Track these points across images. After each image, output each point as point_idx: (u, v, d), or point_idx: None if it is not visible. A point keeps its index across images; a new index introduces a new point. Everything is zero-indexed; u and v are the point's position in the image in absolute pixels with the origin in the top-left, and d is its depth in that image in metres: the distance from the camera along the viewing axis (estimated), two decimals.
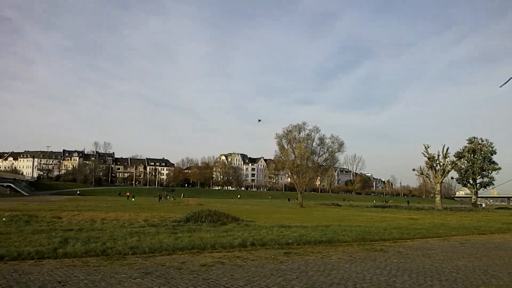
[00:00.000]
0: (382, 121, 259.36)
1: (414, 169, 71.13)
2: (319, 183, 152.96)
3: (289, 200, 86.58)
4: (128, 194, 78.02)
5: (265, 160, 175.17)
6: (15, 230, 12.92)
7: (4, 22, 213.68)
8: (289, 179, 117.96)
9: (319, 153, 61.33)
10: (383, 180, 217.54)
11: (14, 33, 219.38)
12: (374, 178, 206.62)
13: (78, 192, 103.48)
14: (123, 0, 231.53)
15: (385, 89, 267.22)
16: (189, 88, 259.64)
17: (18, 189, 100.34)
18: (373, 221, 24.35)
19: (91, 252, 9.03)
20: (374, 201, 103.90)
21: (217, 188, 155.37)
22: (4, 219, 16.88)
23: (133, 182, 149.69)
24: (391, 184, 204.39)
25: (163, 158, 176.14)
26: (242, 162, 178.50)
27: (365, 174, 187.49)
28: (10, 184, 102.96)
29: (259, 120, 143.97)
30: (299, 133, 60.27)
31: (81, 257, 8.63)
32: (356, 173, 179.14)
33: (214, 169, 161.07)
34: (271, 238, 12.41)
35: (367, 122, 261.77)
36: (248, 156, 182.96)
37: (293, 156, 60.34)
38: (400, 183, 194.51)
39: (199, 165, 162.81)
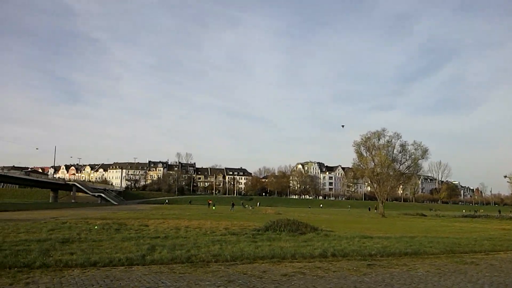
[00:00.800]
0: (470, 125, 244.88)
1: (505, 176, 66.31)
2: (401, 192, 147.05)
3: (369, 209, 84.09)
4: (210, 202, 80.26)
5: (343, 168, 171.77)
6: (106, 237, 13.72)
7: (93, 43, 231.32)
8: (369, 188, 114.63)
9: (400, 161, 58.90)
10: (471, 188, 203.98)
11: (102, 53, 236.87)
12: (461, 186, 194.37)
13: (167, 201, 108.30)
14: (200, 16, 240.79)
15: (472, 91, 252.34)
16: (265, 98, 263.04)
17: (108, 198, 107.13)
18: (462, 232, 22.88)
19: (176, 259, 9.35)
20: (464, 211, 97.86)
21: (294, 197, 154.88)
22: (96, 227, 18.05)
23: (213, 191, 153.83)
24: (481, 192, 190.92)
25: (241, 167, 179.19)
26: (319, 171, 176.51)
27: (451, 182, 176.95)
28: (101, 194, 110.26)
29: (343, 126, 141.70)
30: (379, 140, 58.42)
31: (168, 264, 8.95)
32: (442, 181, 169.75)
33: (291, 178, 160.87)
34: (352, 249, 12.07)
35: (452, 127, 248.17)
36: (325, 165, 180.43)
37: (373, 164, 58.55)
38: (491, 191, 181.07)
39: (276, 174, 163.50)
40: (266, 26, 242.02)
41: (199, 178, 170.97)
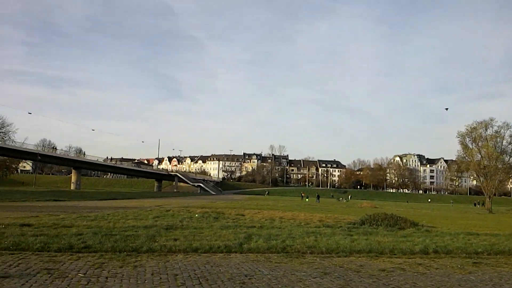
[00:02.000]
0: None
1: None
2: (511, 186, 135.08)
3: (475, 205, 78.35)
4: (303, 194, 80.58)
5: (445, 161, 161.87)
6: (206, 225, 14.34)
7: (191, 41, 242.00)
8: (474, 182, 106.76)
9: (510, 153, 54.13)
10: None
11: (200, 51, 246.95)
12: None
13: (267, 192, 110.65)
14: (292, 9, 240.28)
15: None
16: (360, 89, 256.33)
17: (206, 188, 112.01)
18: None
19: (272, 249, 9.49)
20: None
21: (391, 190, 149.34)
22: (196, 215, 18.94)
23: (306, 183, 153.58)
24: None
25: (334, 159, 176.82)
26: (418, 163, 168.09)
27: None
28: (200, 184, 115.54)
29: (447, 109, 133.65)
30: (486, 130, 54.09)
31: (264, 253, 9.12)
32: None
33: (388, 170, 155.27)
34: (456, 246, 11.33)
35: None
36: (426, 157, 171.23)
37: (479, 156, 54.43)
38: None
39: (371, 166, 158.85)
40: (360, 14, 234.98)
41: (292, 170, 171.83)
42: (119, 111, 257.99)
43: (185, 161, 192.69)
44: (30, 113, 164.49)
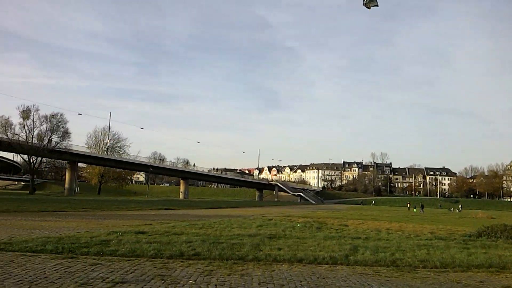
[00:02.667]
0: None
1: None
2: None
3: None
4: (409, 204, 76.89)
5: None
6: (309, 235, 14.16)
7: (287, 51, 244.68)
8: None
9: None
10: None
11: (296, 60, 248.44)
12: None
13: (373, 202, 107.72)
14: (391, 10, 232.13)
15: None
16: (469, 90, 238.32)
17: (306, 197, 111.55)
18: None
19: (380, 262, 9.03)
20: None
21: (508, 199, 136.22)
22: (299, 225, 18.83)
23: (413, 192, 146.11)
24: None
25: (443, 167, 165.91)
26: None
27: None
28: (300, 193, 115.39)
29: None
30: None
31: (371, 266, 8.71)
32: None
33: (504, 178, 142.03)
34: None
35: None
36: None
37: None
38: None
39: (485, 173, 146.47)
40: (466, 9, 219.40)
41: (396, 179, 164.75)
42: (221, 123, 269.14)
43: (284, 170, 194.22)
44: (142, 128, 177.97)
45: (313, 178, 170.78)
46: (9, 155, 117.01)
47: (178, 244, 10.27)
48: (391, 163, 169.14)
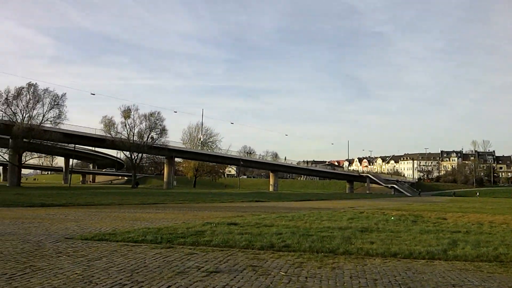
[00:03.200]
0: None
1: None
2: None
3: None
4: None
5: None
6: (403, 229, 13.58)
7: (376, 37, 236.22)
8: None
9: None
10: None
11: (386, 46, 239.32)
12: None
13: (477, 193, 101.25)
14: None
15: None
16: None
17: (401, 189, 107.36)
18: None
19: (482, 257, 8.41)
20: None
21: None
22: (392, 218, 18.15)
23: None
24: None
25: None
26: None
27: None
28: (394, 185, 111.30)
29: None
30: None
31: (472, 261, 8.14)
32: None
33: None
34: None
35: None
36: None
37: None
38: None
39: None
40: None
41: (500, 168, 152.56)
42: (309, 115, 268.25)
43: (376, 161, 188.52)
44: (232, 123, 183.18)
45: (407, 169, 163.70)
46: (113, 152, 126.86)
47: (269, 235, 10.41)
48: (494, 151, 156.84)
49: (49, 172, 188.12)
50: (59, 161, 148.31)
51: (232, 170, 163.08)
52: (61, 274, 6.07)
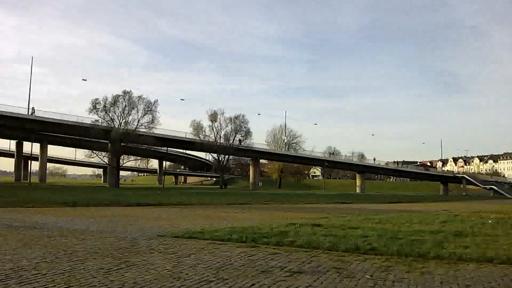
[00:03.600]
0: None
1: None
2: None
3: None
4: None
5: None
6: (502, 233, 12.58)
7: (468, 29, 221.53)
8: None
9: None
10: None
11: (479, 39, 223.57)
12: None
13: None
14: None
15: None
16: None
17: (500, 191, 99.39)
18: None
19: None
20: None
21: None
22: (490, 221, 16.89)
23: None
24: None
25: None
26: None
27: None
28: (493, 187, 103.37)
29: None
30: None
31: None
32: None
33: None
34: None
35: None
36: None
37: None
38: None
39: None
40: None
41: None
42: (396, 114, 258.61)
43: (472, 161, 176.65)
44: (315, 124, 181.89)
45: (508, 169, 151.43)
46: (202, 154, 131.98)
47: (354, 238, 10.19)
48: None
49: (145, 174, 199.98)
50: (154, 163, 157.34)
51: (317, 171, 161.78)
52: (153, 269, 6.44)
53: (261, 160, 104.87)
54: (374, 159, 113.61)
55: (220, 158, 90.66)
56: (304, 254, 8.15)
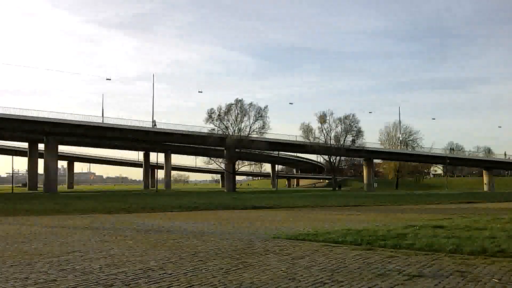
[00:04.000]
0: None
1: None
2: None
3: None
4: None
5: None
6: None
7: None
8: None
9: None
10: None
11: None
12: None
13: None
14: None
15: None
16: None
17: None
18: None
19: None
20: None
21: None
22: None
23: None
24: None
25: None
26: None
27: None
28: None
29: None
30: None
31: None
32: None
33: None
34: None
35: None
36: None
37: None
38: None
39: None
40: None
41: None
42: None
43: None
44: (434, 119, 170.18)
45: None
46: (313, 157, 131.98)
47: (480, 239, 9.42)
48: None
49: (259, 178, 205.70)
50: (267, 167, 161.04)
51: (438, 169, 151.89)
52: (269, 270, 6.63)
53: (375, 160, 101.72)
54: (505, 154, 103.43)
55: (331, 160, 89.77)
56: (424, 257, 7.75)
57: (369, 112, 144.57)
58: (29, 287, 5.63)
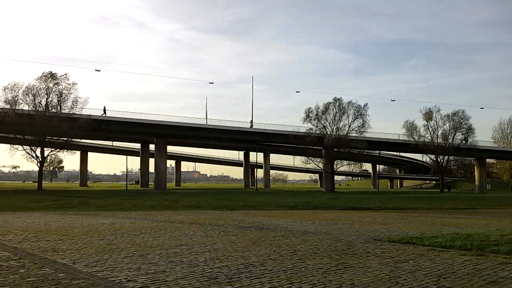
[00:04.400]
0: None
1: None
2: None
3: None
4: None
5: None
6: None
7: None
8: None
9: None
10: None
11: None
12: None
13: None
14: None
15: None
16: None
17: None
18: None
19: None
20: None
21: None
22: None
23: None
24: None
25: None
26: None
27: None
28: None
29: None
30: None
31: None
32: None
33: None
34: None
35: None
36: None
37: None
38: None
39: None
40: None
41: None
42: None
43: None
44: None
45: None
46: (417, 156, 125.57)
47: None
48: None
49: (359, 178, 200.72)
50: (367, 167, 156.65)
51: None
52: (370, 272, 6.48)
53: (488, 160, 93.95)
54: None
55: (438, 159, 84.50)
56: None
57: (481, 108, 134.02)
58: (141, 276, 6.13)
